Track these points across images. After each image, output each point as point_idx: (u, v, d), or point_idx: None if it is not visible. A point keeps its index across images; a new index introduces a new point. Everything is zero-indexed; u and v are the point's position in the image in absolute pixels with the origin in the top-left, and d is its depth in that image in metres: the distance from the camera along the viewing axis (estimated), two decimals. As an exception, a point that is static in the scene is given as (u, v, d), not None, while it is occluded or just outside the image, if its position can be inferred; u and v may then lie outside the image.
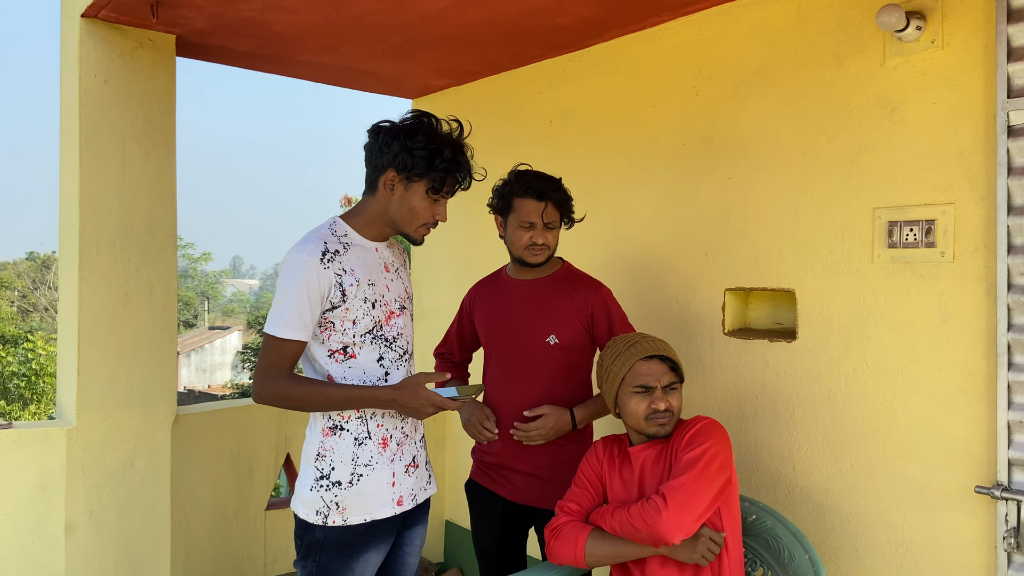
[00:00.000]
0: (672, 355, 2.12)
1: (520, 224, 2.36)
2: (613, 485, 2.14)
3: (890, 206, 2.23)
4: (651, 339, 2.13)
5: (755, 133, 2.56)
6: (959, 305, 2.11)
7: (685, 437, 2.02)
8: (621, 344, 2.14)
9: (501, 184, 2.44)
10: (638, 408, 2.05)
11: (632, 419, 2.08)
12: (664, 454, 2.08)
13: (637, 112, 2.96)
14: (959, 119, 2.11)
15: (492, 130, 3.61)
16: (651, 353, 2.08)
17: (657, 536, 1.89)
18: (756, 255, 2.57)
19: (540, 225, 2.36)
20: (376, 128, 1.92)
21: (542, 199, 2.35)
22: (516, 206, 2.37)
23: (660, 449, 2.09)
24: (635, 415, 2.07)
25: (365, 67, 3.48)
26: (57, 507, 2.85)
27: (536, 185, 2.35)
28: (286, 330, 1.84)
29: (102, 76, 2.91)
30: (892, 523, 2.25)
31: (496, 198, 2.43)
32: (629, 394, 2.07)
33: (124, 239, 2.96)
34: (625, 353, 2.10)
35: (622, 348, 2.12)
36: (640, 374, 2.07)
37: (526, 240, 2.37)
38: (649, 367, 2.07)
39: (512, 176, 2.41)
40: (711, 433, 2.02)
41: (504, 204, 2.40)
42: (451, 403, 1.86)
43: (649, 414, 2.05)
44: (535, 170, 2.42)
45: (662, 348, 2.11)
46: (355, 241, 1.94)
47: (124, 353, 2.96)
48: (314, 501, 1.89)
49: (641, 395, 2.06)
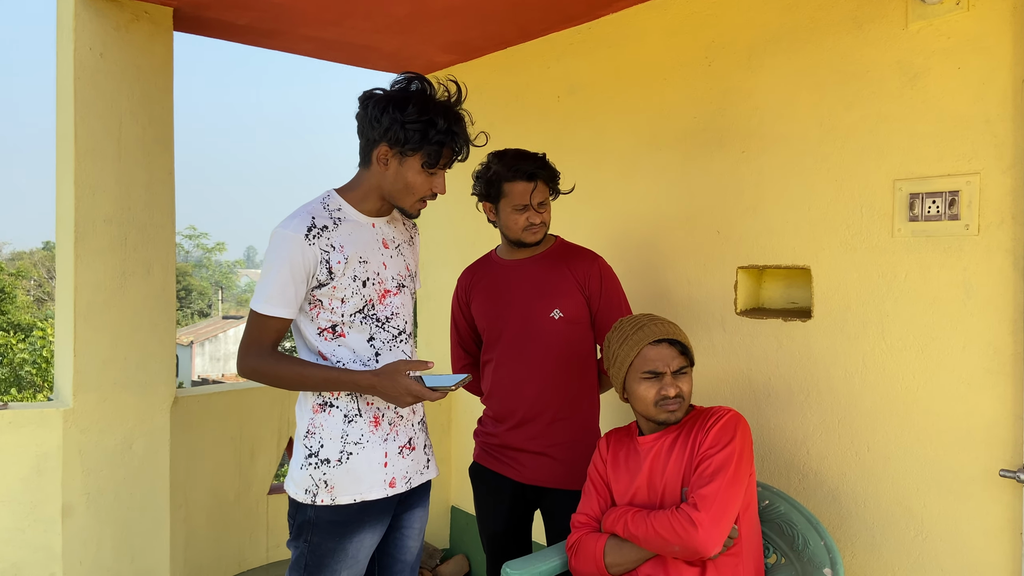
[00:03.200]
0: (682, 338, 2.03)
1: (514, 208, 2.30)
2: (619, 478, 2.06)
3: (911, 177, 2.13)
4: (660, 321, 2.04)
5: (770, 104, 2.46)
6: (984, 280, 2.01)
7: (710, 433, 1.92)
8: (629, 327, 2.05)
9: (483, 170, 2.35)
10: (647, 394, 1.97)
11: (641, 405, 2.00)
12: (678, 444, 1.98)
13: (646, 85, 2.86)
14: (985, 84, 2.00)
15: (499, 107, 3.52)
16: (660, 337, 1.99)
17: (693, 550, 1.80)
18: (770, 231, 2.47)
19: (534, 205, 2.30)
20: (366, 98, 1.82)
21: (532, 179, 2.29)
22: (506, 190, 2.30)
23: (673, 438, 1.99)
24: (644, 401, 1.98)
25: (368, 42, 3.39)
26: (54, 490, 2.80)
27: (523, 166, 2.28)
28: (268, 306, 1.77)
29: (97, 49, 2.84)
30: (911, 509, 2.15)
31: (482, 185, 2.35)
32: (637, 380, 1.99)
33: (121, 217, 2.89)
34: (633, 337, 2.01)
35: (630, 332, 2.03)
36: (649, 359, 1.98)
37: (523, 222, 2.31)
38: (658, 351, 1.98)
39: (494, 160, 2.33)
40: (736, 428, 1.92)
41: (493, 190, 2.32)
42: (432, 393, 1.76)
43: (658, 400, 1.96)
44: (515, 149, 2.34)
45: (671, 331, 2.02)
46: (349, 216, 1.86)
47: (121, 333, 2.90)
48: (303, 480, 1.83)
49: (650, 381, 1.97)
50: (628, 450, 2.08)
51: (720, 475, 1.85)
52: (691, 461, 1.94)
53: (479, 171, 2.38)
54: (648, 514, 1.89)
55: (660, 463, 1.99)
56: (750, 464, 1.94)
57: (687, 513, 1.82)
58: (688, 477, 1.93)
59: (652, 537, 1.86)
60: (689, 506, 1.83)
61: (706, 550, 1.79)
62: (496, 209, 2.36)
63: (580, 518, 2.08)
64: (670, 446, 1.99)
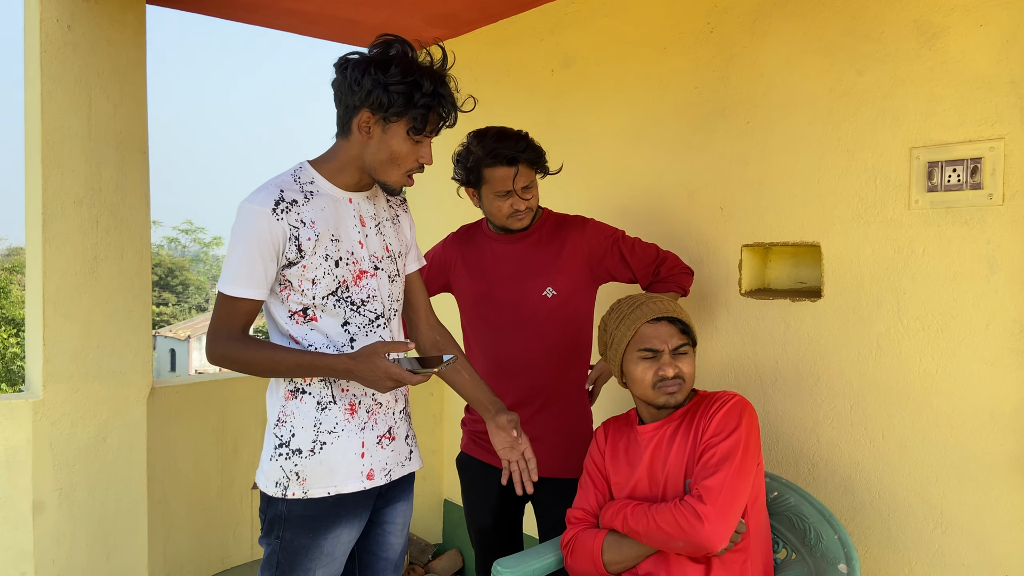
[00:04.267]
0: (682, 316, 1.89)
1: (496, 194, 2.16)
2: (618, 470, 1.92)
3: (930, 144, 1.98)
4: (658, 299, 1.90)
5: (776, 70, 2.31)
6: (1009, 253, 1.86)
7: (713, 420, 1.79)
8: (626, 307, 1.91)
9: (463, 153, 2.19)
10: (644, 375, 1.83)
11: (639, 388, 1.86)
12: (680, 432, 1.84)
13: (645, 55, 2.71)
14: (1009, 42, 1.85)
15: (490, 83, 3.37)
16: (658, 315, 1.85)
17: (698, 546, 1.67)
18: (777, 207, 2.33)
19: (518, 190, 2.15)
20: (343, 62, 1.67)
21: (513, 164, 2.13)
22: (487, 176, 2.15)
23: (675, 426, 1.86)
24: (642, 383, 1.84)
25: (353, 15, 3.24)
26: (23, 485, 2.66)
27: (503, 150, 2.12)
28: (234, 287, 1.62)
29: (65, 21, 2.69)
30: (929, 499, 2.02)
31: (462, 171, 2.20)
32: (635, 360, 1.85)
33: (92, 198, 2.75)
34: (630, 316, 1.87)
35: (627, 311, 1.90)
36: (646, 337, 1.85)
37: (507, 209, 2.17)
38: (656, 330, 1.85)
39: (474, 143, 2.17)
40: (742, 414, 1.79)
41: (473, 176, 2.17)
42: (412, 377, 1.61)
43: (656, 382, 1.83)
44: (496, 129, 2.18)
45: (670, 309, 1.88)
46: (322, 190, 1.70)
47: (93, 321, 2.76)
48: (273, 471, 1.69)
49: (648, 361, 1.84)
50: (628, 440, 1.95)
51: (726, 465, 1.71)
52: (694, 450, 1.80)
53: (458, 154, 2.22)
54: (649, 507, 1.75)
55: (662, 453, 1.85)
56: (757, 453, 1.80)
57: (691, 506, 1.68)
58: (691, 467, 1.80)
59: (654, 532, 1.72)
60: (693, 498, 1.70)
61: (712, 545, 1.66)
62: (478, 195, 2.22)
63: (576, 513, 1.95)
64: (672, 435, 1.86)
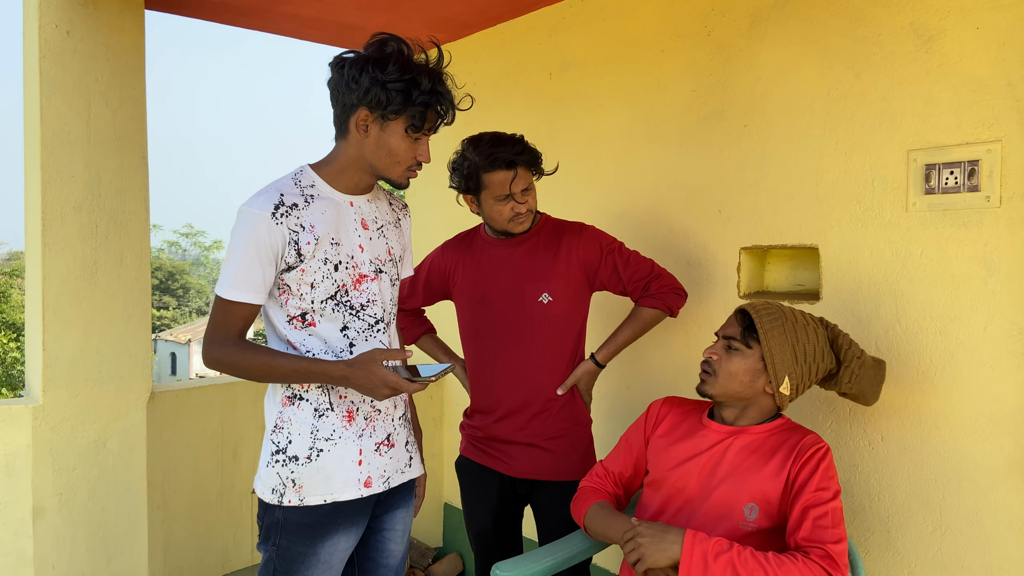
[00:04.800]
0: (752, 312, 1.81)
1: (495, 199, 2.16)
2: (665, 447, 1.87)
3: (927, 147, 1.99)
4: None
5: (774, 73, 2.32)
6: (1007, 255, 1.86)
7: (817, 472, 1.67)
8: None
9: (459, 160, 2.20)
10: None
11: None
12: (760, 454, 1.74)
13: (643, 58, 2.71)
14: (1006, 44, 1.85)
15: (489, 87, 3.38)
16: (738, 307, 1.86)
17: None
18: (775, 209, 2.33)
19: (517, 193, 2.15)
20: (340, 61, 1.67)
21: (511, 167, 2.13)
22: (486, 182, 2.15)
23: (754, 444, 1.77)
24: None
25: (352, 20, 3.24)
26: (23, 490, 2.66)
27: (501, 154, 2.12)
28: (232, 291, 1.62)
29: (64, 27, 2.69)
30: (929, 502, 2.02)
31: (460, 178, 2.20)
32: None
33: (91, 203, 2.75)
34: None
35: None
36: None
37: (508, 213, 2.17)
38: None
39: (470, 150, 2.17)
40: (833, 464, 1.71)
41: (471, 183, 2.17)
42: (410, 384, 1.60)
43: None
44: (490, 134, 2.18)
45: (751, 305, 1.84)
46: (323, 193, 1.71)
47: (93, 326, 2.76)
48: (270, 478, 1.68)
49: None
50: (690, 427, 1.88)
51: (842, 527, 1.64)
52: (785, 490, 1.69)
53: (454, 162, 2.22)
54: (766, 559, 1.59)
55: (728, 461, 1.76)
56: None
57: (825, 569, 1.58)
58: (769, 500, 1.70)
59: None
60: (822, 559, 1.59)
61: None
62: (477, 200, 2.22)
63: (599, 469, 2.00)
64: (747, 450, 1.76)
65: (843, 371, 1.83)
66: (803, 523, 1.64)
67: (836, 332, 1.86)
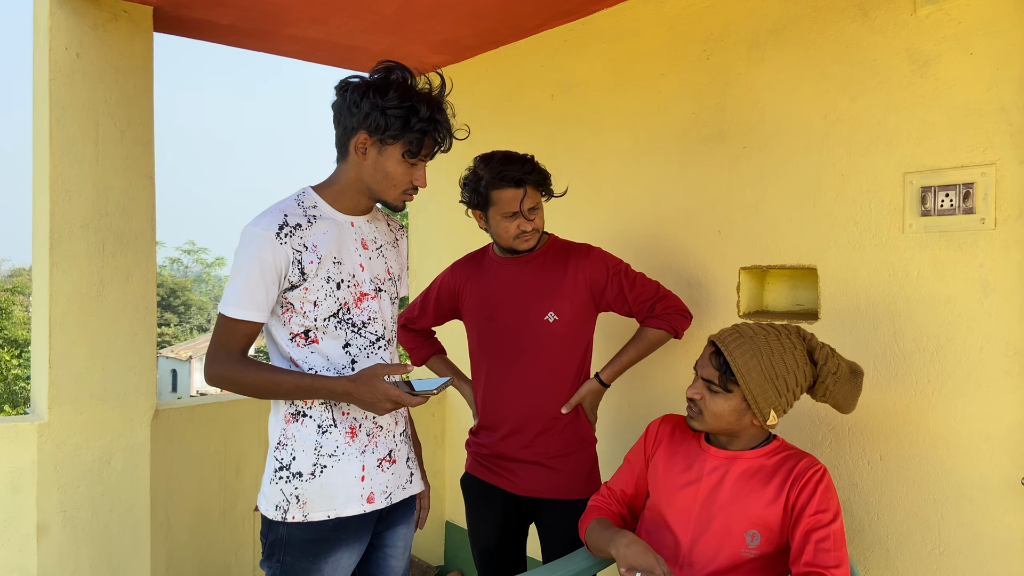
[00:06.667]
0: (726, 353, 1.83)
1: (503, 215, 2.19)
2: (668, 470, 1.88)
3: (923, 170, 2.02)
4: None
5: (771, 97, 2.36)
6: (1002, 277, 1.89)
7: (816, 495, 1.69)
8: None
9: (470, 176, 2.24)
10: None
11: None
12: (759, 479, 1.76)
13: (643, 81, 2.76)
14: (999, 70, 1.89)
15: (491, 108, 3.42)
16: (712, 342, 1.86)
17: None
18: (773, 230, 2.36)
19: (524, 212, 2.18)
20: (344, 85, 1.72)
21: (520, 185, 2.17)
22: (494, 198, 2.18)
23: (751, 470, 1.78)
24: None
25: (356, 42, 3.29)
26: (28, 507, 2.67)
27: (510, 172, 2.16)
28: (236, 309, 1.66)
29: (74, 49, 2.74)
30: (927, 521, 2.03)
31: (470, 193, 2.24)
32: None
33: (98, 222, 2.79)
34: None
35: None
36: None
37: (514, 230, 2.20)
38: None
39: (480, 166, 2.21)
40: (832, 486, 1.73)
41: (480, 198, 2.21)
42: (411, 399, 1.63)
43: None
44: (502, 153, 2.23)
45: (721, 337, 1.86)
46: (325, 214, 1.75)
47: (99, 344, 2.79)
48: (274, 495, 1.71)
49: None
50: (689, 449, 1.89)
51: (844, 549, 1.66)
52: (785, 514, 1.71)
53: (466, 177, 2.26)
54: None
55: (728, 487, 1.78)
56: None
57: None
58: (770, 526, 1.72)
59: None
60: None
61: None
62: (486, 216, 2.25)
63: (603, 490, 2.04)
64: (746, 475, 1.78)
65: (817, 385, 1.84)
66: (806, 547, 1.66)
67: (814, 344, 1.83)
